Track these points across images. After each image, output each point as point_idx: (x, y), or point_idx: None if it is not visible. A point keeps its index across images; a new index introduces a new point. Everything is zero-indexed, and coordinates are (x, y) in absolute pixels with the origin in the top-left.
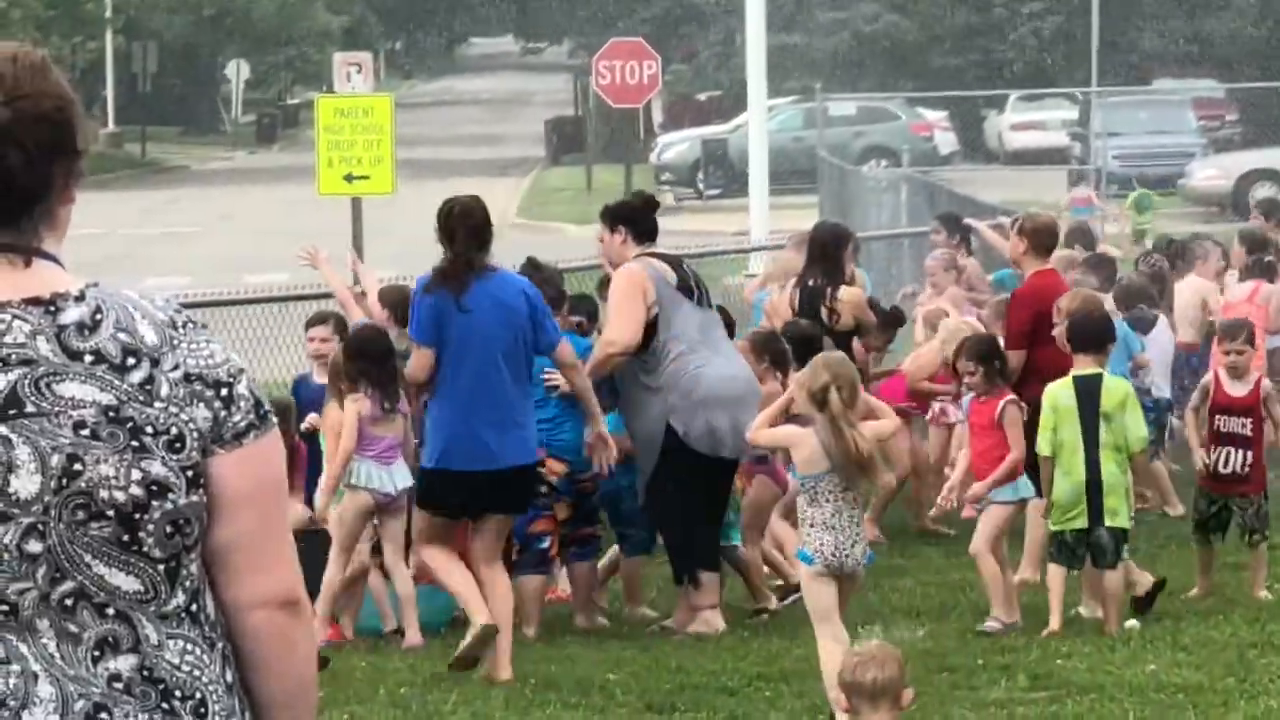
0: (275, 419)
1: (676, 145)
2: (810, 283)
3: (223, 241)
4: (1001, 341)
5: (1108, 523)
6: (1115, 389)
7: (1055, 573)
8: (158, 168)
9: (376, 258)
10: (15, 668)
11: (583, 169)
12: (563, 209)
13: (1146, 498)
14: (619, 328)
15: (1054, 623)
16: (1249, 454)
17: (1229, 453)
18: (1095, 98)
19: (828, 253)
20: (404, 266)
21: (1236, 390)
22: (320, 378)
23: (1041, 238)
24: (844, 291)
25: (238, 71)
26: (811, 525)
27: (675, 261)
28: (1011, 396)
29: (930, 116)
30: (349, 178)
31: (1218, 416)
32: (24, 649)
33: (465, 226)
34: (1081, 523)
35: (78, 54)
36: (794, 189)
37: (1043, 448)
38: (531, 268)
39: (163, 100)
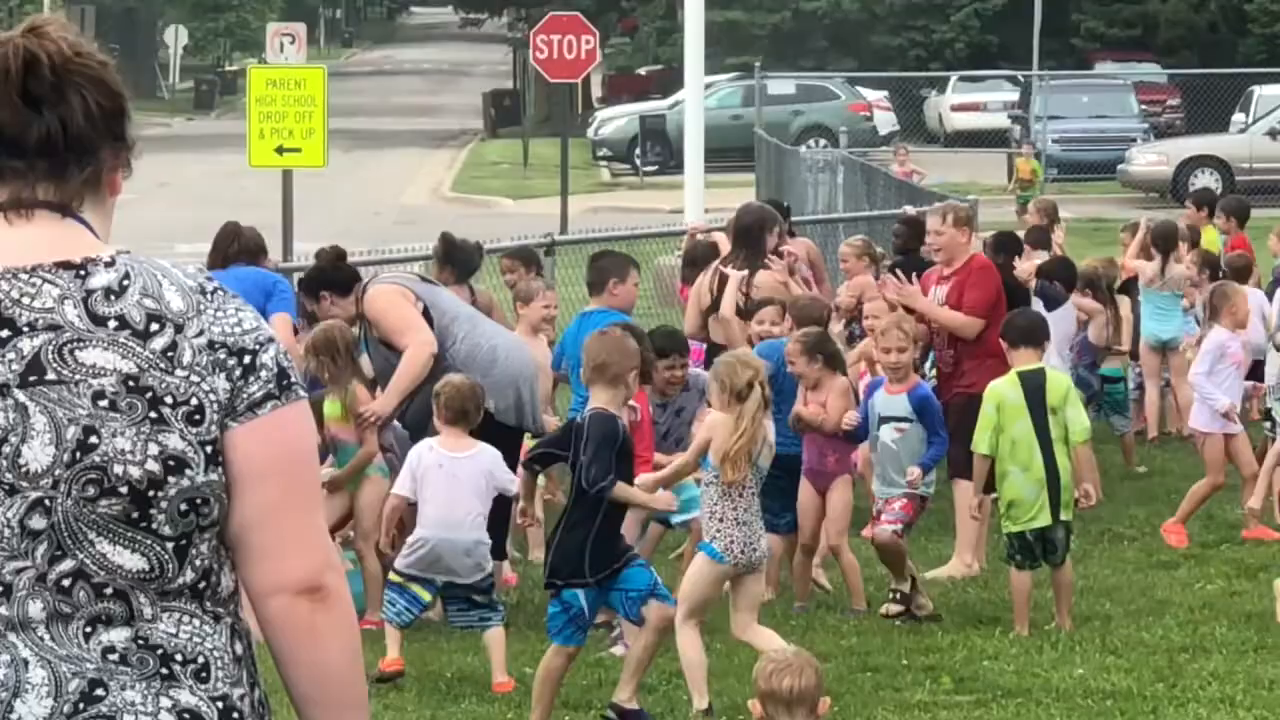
0: (304, 392)
1: (614, 120)
2: (729, 267)
3: (158, 209)
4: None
5: (1063, 516)
6: (1058, 382)
7: (1021, 580)
8: None
9: (309, 229)
10: (4, 657)
11: (520, 142)
12: (499, 183)
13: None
14: (419, 329)
15: (1022, 628)
16: None
17: None
18: (1036, 80)
19: (750, 236)
20: (336, 238)
21: None
22: None
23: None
24: (760, 276)
25: (176, 37)
26: (722, 521)
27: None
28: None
29: (870, 96)
30: (280, 150)
31: None
32: (12, 636)
33: None
34: (1044, 520)
35: (15, 17)
36: (731, 167)
37: (980, 445)
38: (446, 246)
39: None
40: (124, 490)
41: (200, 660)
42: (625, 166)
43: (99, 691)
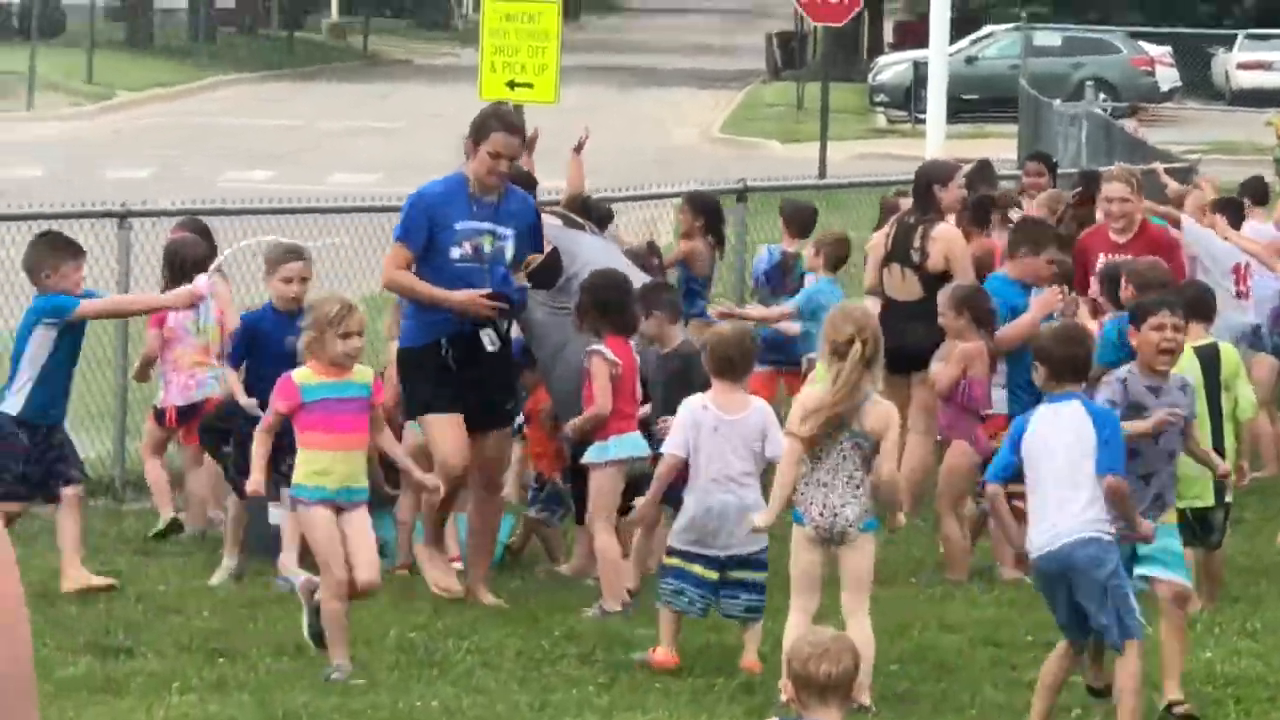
0: None
1: (894, 66)
2: (907, 219)
3: (423, 140)
4: None
5: (1226, 498)
6: (1230, 356)
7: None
8: (378, 61)
9: (559, 166)
10: None
11: (800, 85)
12: (770, 125)
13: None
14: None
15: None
16: None
17: None
18: None
19: (920, 190)
20: (588, 175)
21: None
22: None
23: None
24: (937, 229)
25: None
26: (806, 483)
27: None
28: (597, 347)
29: (1153, 51)
30: (511, 84)
31: None
32: None
33: None
34: (1207, 499)
35: None
36: (1004, 117)
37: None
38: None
39: None
40: None
41: None
42: (902, 113)
43: None
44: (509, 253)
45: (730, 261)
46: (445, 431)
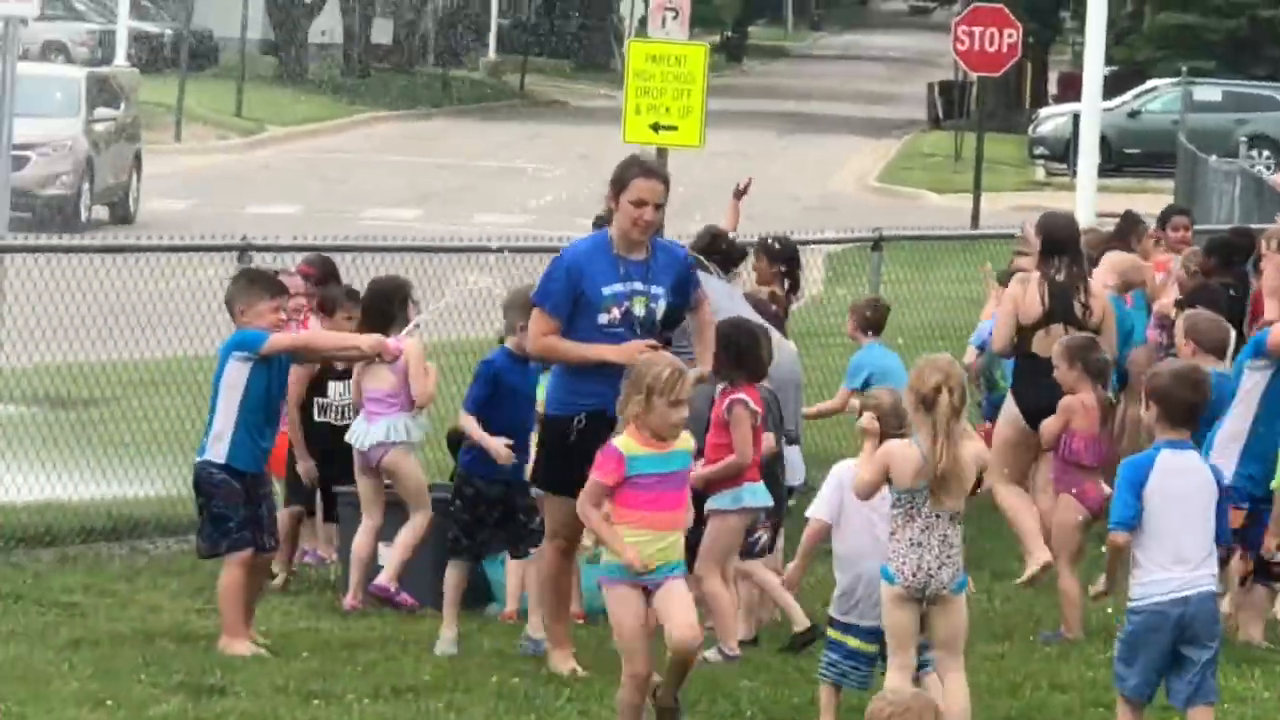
0: None
1: (1054, 118)
2: (1054, 276)
3: (571, 182)
4: None
5: None
6: None
7: None
8: (534, 101)
9: (715, 212)
10: None
11: (959, 135)
12: (926, 175)
13: None
14: None
15: None
16: None
17: None
18: None
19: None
20: (745, 221)
21: None
22: None
23: None
24: (1095, 285)
25: (632, 8)
26: (898, 542)
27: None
28: (739, 395)
29: None
30: (656, 127)
31: None
32: None
33: None
34: None
35: None
36: (1163, 173)
37: None
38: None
39: (556, 33)
40: None
41: None
42: (1061, 166)
43: None
44: (659, 314)
45: None
46: (561, 510)
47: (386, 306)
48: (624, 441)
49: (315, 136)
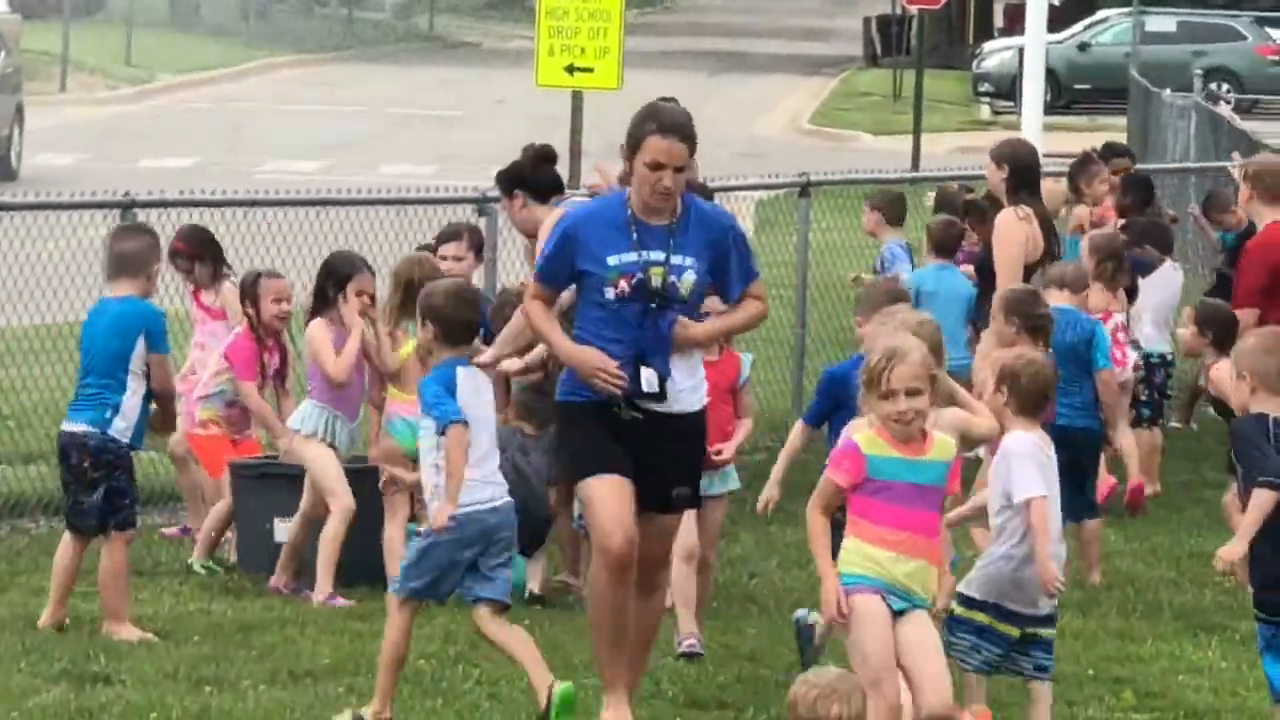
0: None
1: (1000, 53)
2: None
3: (485, 129)
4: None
5: None
6: None
7: None
8: (445, 43)
9: None
10: None
11: (897, 73)
12: (863, 116)
13: None
14: None
15: None
16: None
17: None
18: None
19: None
20: None
21: None
22: None
23: (1271, 183)
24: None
25: None
26: None
27: None
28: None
29: None
30: (570, 69)
31: None
32: None
33: None
34: None
35: None
36: (1111, 109)
37: None
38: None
39: None
40: None
41: None
42: (1008, 104)
43: None
44: (686, 288)
45: (791, 259)
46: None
47: (323, 284)
48: (868, 439)
49: (211, 84)
